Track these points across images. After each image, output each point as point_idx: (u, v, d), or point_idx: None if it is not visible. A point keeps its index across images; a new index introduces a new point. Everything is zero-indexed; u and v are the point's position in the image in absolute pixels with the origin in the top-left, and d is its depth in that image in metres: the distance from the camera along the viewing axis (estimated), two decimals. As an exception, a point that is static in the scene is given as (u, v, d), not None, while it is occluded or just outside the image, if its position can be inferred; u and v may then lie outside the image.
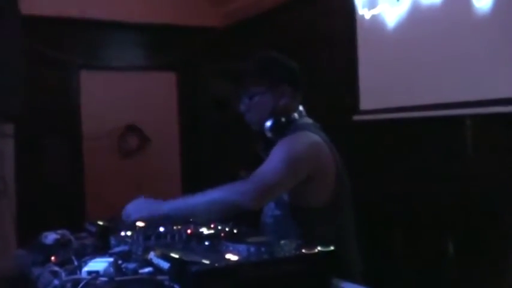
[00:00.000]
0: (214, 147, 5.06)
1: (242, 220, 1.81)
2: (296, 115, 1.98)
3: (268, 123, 1.93)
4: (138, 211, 1.82)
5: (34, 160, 4.35)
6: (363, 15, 3.51)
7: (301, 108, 2.02)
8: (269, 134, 1.93)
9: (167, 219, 1.80)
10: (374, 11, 3.42)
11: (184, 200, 1.81)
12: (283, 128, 1.93)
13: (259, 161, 2.28)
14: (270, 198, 1.81)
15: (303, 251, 1.41)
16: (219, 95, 4.92)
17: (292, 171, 1.79)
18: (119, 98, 4.81)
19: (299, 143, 1.85)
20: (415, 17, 3.14)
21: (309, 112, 2.04)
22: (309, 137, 1.88)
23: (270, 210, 1.95)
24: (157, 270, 1.43)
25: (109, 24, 4.70)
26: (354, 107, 3.56)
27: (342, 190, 1.91)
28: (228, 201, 1.74)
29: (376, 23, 3.41)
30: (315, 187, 1.85)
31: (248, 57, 2.04)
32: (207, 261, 1.32)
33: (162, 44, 4.99)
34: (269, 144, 1.95)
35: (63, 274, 1.53)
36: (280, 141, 1.87)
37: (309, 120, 2.01)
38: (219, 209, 1.75)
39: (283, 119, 1.93)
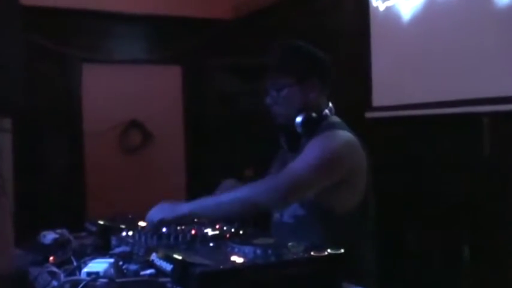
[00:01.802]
0: (220, 145, 5.05)
1: (249, 220, 1.80)
2: (327, 112, 1.97)
3: (299, 119, 1.90)
4: (162, 213, 1.81)
5: (33, 156, 4.36)
6: (376, 7, 3.49)
7: (330, 104, 2.01)
8: (299, 129, 1.91)
9: (190, 218, 1.80)
10: (388, 3, 3.40)
11: (208, 198, 1.81)
12: (315, 125, 1.91)
13: (266, 159, 2.28)
14: (299, 198, 1.77)
15: (312, 253, 1.41)
16: (226, 90, 4.91)
17: (327, 170, 1.77)
18: (122, 92, 4.82)
19: (336, 142, 1.83)
20: (432, 10, 3.12)
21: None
22: (346, 136, 1.87)
23: (292, 209, 1.91)
24: (160, 272, 1.42)
25: (112, 15, 4.70)
26: (366, 104, 3.55)
27: (370, 193, 1.90)
28: (254, 201, 1.72)
29: (390, 15, 3.39)
30: (348, 189, 1.84)
31: (257, 50, 2.02)
32: (211, 263, 1.31)
33: (167, 37, 4.99)
34: (294, 138, 1.95)
35: (61, 275, 1.53)
36: (315, 139, 1.85)
37: (338, 119, 2.00)
38: (244, 208, 1.74)
39: (314, 115, 1.91)
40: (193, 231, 1.70)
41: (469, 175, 2.95)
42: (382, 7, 3.45)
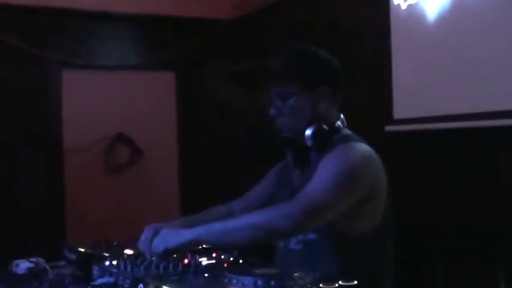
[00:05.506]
0: (218, 161, 5.07)
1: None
2: (340, 123, 2.00)
3: (309, 131, 1.93)
4: (164, 241, 1.81)
5: (5, 175, 4.38)
6: (398, 6, 3.52)
7: (342, 116, 2.05)
8: (310, 143, 1.94)
9: (195, 246, 1.82)
10: (411, 1, 3.44)
11: (215, 224, 1.84)
12: (327, 138, 1.94)
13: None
14: (318, 223, 1.79)
15: (321, 285, 1.42)
16: (225, 99, 4.94)
17: (347, 190, 1.80)
18: (107, 102, 4.85)
19: (354, 156, 1.87)
20: (461, 7, 3.14)
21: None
22: (363, 149, 1.91)
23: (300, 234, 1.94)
24: (147, 306, 1.44)
25: (96, 15, 4.73)
26: (386, 116, 3.56)
27: (390, 214, 1.93)
28: (271, 227, 1.75)
29: (413, 15, 3.41)
30: (367, 210, 1.87)
31: (262, 54, 2.05)
32: (205, 296, 1.33)
33: (158, 39, 5.02)
34: (303, 154, 1.99)
35: (36, 310, 1.55)
36: (330, 155, 1.88)
37: (350, 132, 2.04)
38: (259, 234, 1.77)
39: (325, 127, 1.95)
40: (186, 261, 1.72)
41: (503, 196, 2.95)
42: (404, 5, 3.48)
